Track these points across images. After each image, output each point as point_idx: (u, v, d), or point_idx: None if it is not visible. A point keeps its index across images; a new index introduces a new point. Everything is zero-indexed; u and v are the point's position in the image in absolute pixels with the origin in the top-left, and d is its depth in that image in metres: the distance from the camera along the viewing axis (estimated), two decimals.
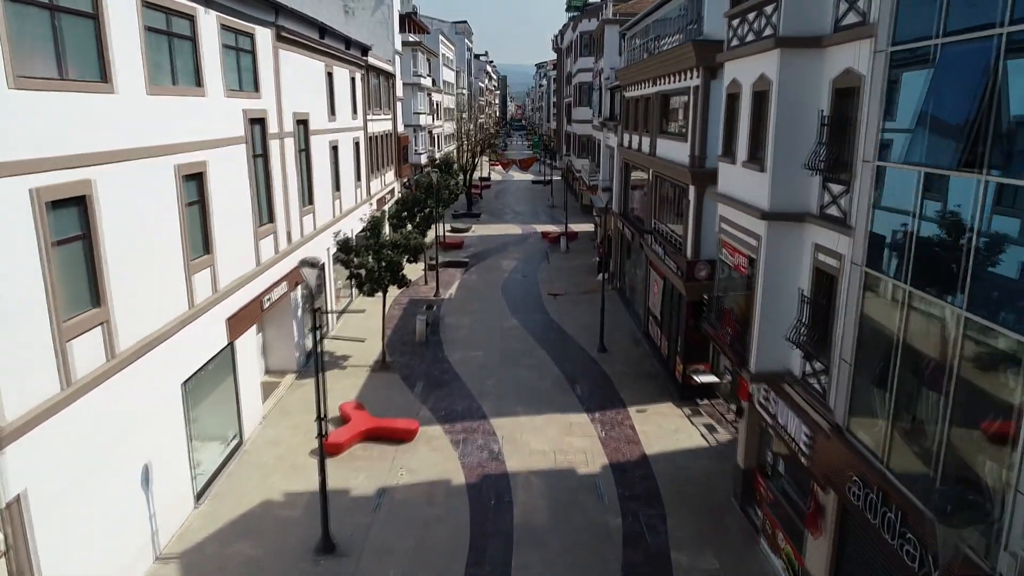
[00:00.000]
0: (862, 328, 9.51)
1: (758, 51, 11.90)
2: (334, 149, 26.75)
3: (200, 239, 14.94)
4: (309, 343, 23.31)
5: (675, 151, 20.55)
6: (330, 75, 26.17)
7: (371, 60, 33.63)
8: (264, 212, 19.05)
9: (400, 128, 44.43)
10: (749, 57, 12.47)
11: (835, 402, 10.43)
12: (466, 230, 47.61)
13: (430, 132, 59.36)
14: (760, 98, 12.09)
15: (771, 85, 11.40)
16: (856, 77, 9.94)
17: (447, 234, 44.68)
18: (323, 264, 23.37)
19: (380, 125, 37.45)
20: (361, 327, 26.00)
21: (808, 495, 11.45)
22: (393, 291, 25.27)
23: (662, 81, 22.07)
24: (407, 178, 47.50)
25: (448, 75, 74.49)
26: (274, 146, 19.59)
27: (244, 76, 17.62)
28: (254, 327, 18.01)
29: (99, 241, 10.95)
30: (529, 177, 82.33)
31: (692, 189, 18.67)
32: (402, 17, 51.46)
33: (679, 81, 20.08)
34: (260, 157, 18.76)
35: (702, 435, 17.81)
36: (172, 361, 13.38)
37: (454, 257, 38.86)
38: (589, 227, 48.66)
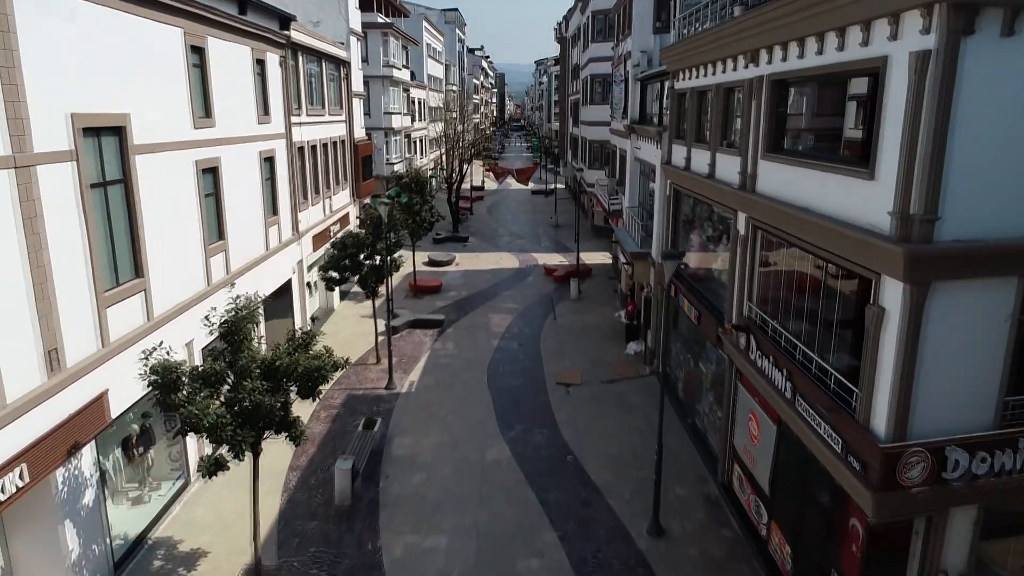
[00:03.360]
0: None
1: None
2: (210, 172, 16.41)
3: None
4: (109, 547, 12.83)
5: (821, 193, 10.19)
6: (199, 51, 15.82)
7: (299, 37, 23.28)
8: None
9: (360, 132, 34.10)
10: None
11: None
12: (448, 263, 37.18)
13: (408, 136, 49.02)
14: None
15: None
16: None
17: (423, 267, 34.33)
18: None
19: (324, 129, 27.14)
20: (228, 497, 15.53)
21: None
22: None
23: (774, 55, 11.76)
24: (375, 196, 37.17)
25: (435, 68, 64.21)
26: None
27: None
28: None
29: None
30: (529, 185, 71.86)
31: (902, 292, 8.26)
32: None
33: (837, 49, 9.70)
34: None
35: None
36: None
37: (424, 312, 28.39)
38: (605, 257, 38.36)
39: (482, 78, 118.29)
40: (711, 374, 16.56)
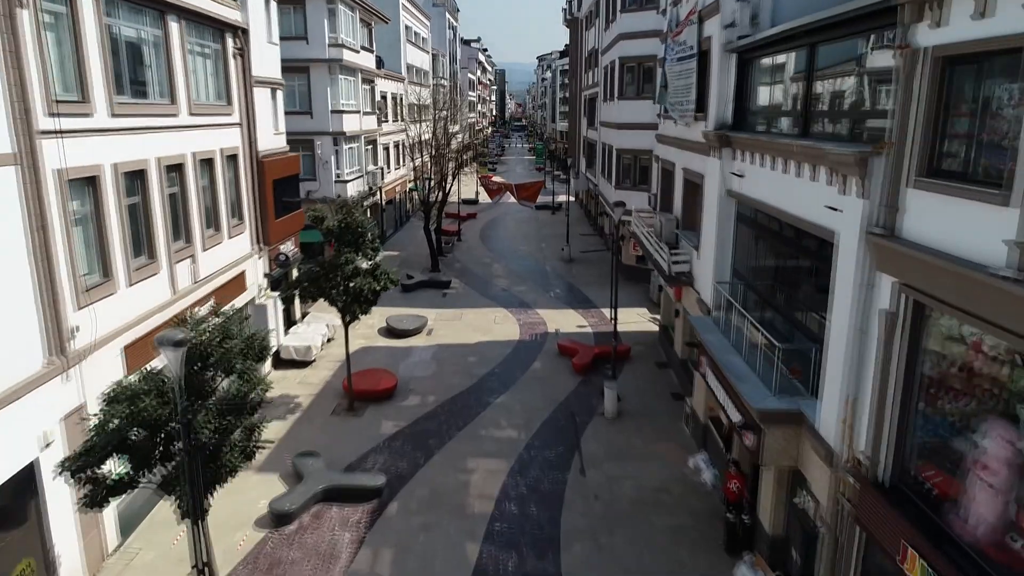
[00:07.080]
0: None
1: None
2: None
3: None
4: None
5: None
6: None
7: None
8: None
9: (275, 140, 22.18)
10: None
11: None
12: (414, 333, 25.20)
13: (372, 141, 37.10)
14: None
15: None
16: None
17: (379, 339, 22.44)
18: None
19: (178, 140, 15.24)
20: None
21: None
22: None
23: None
24: (308, 229, 25.18)
25: (416, 57, 52.33)
26: None
27: None
28: None
29: None
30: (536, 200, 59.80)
31: None
32: None
33: None
34: None
35: None
36: None
37: (353, 454, 16.43)
38: (641, 318, 26.45)
39: (479, 73, 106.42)
40: None
